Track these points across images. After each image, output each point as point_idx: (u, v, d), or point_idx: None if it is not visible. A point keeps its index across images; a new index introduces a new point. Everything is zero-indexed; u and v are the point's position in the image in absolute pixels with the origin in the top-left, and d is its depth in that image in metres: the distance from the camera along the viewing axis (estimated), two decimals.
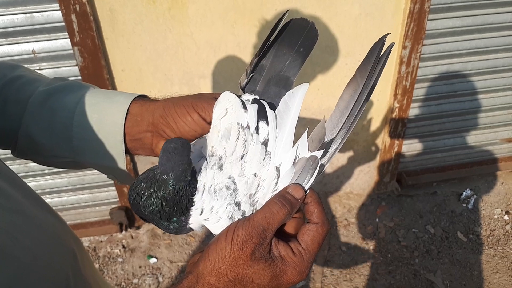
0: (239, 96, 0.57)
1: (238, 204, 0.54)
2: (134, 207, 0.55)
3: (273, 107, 0.56)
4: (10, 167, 0.61)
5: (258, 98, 0.57)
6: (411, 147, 2.57)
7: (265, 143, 0.55)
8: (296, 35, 0.57)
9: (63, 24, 1.79)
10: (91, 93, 0.65)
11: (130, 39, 1.88)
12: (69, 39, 1.83)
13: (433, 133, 2.53)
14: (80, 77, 1.93)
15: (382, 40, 0.54)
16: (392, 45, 0.54)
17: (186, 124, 0.59)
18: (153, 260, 2.36)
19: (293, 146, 0.55)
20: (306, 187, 0.55)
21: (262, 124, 0.55)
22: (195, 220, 0.55)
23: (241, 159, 0.55)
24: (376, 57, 0.54)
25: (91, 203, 2.40)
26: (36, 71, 0.72)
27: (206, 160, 0.56)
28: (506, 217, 2.55)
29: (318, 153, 0.54)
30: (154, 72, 1.99)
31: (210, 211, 0.54)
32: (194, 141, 0.60)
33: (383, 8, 1.98)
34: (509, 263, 2.32)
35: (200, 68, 2.01)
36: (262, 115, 0.55)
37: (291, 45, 0.57)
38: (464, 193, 2.66)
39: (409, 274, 2.29)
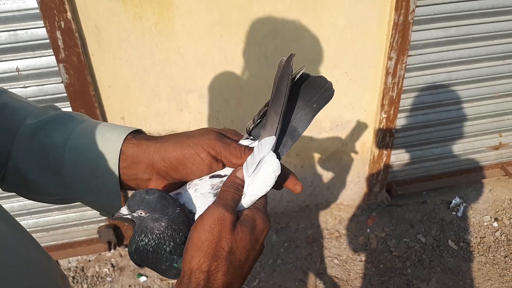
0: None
1: None
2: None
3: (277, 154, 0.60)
4: None
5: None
6: (399, 157, 2.59)
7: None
8: (313, 91, 0.60)
9: (47, 41, 1.77)
10: (81, 128, 0.62)
11: (116, 55, 1.87)
12: (54, 56, 1.81)
13: (421, 142, 2.55)
14: (65, 94, 1.91)
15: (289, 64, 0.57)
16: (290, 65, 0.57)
17: (194, 165, 0.59)
18: (143, 278, 2.31)
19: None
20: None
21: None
22: None
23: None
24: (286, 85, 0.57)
25: (79, 222, 2.35)
26: (21, 96, 0.69)
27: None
28: (495, 224, 2.57)
29: None
30: (141, 87, 1.98)
31: None
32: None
33: (368, 20, 2.01)
34: (500, 270, 2.33)
35: (188, 83, 2.00)
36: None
37: (306, 100, 0.60)
38: (453, 201, 2.68)
39: (402, 284, 2.28)
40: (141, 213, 0.54)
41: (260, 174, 0.58)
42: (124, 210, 0.55)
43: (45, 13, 1.69)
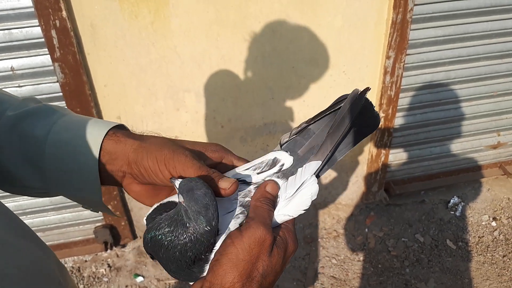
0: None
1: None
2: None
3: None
4: None
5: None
6: (397, 156, 2.58)
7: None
8: (358, 119, 0.59)
9: (43, 40, 1.76)
10: (62, 122, 0.61)
11: (112, 53, 1.85)
12: (49, 55, 1.79)
13: (419, 141, 2.54)
14: (61, 94, 1.89)
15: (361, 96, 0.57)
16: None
17: (157, 178, 0.57)
18: (139, 279, 2.30)
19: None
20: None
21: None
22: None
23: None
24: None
25: (75, 222, 2.34)
26: (4, 89, 0.68)
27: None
28: (493, 224, 2.56)
29: None
30: (138, 86, 1.96)
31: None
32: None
33: (366, 19, 2.00)
34: (498, 270, 2.32)
35: (185, 82, 1.99)
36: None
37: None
38: (451, 200, 2.67)
39: (400, 284, 2.27)
40: (181, 198, 0.51)
41: (298, 197, 0.57)
42: (177, 183, 0.52)
43: (40, 11, 1.67)
